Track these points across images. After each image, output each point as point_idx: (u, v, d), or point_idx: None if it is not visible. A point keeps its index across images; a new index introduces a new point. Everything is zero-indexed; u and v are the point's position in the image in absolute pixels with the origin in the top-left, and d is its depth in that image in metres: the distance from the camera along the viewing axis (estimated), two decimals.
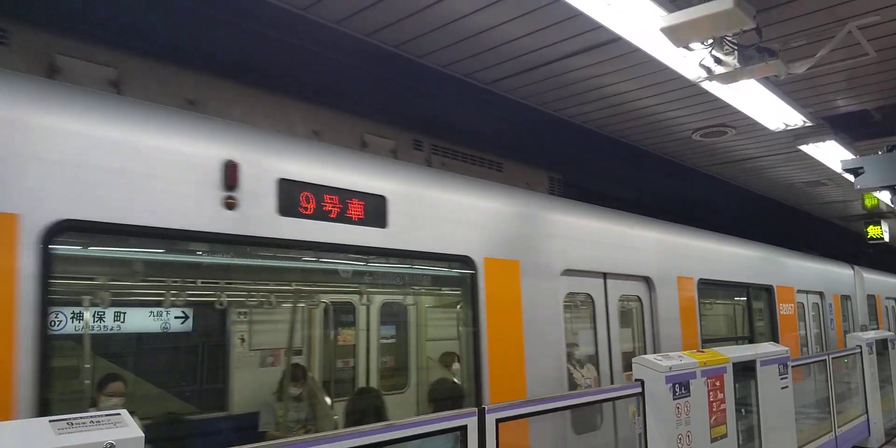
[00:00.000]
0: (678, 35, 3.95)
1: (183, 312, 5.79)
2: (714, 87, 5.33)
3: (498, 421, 3.28)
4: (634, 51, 4.77)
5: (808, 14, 4.49)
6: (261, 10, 4.29)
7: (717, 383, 4.89)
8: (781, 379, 5.88)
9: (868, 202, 9.26)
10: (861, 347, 8.56)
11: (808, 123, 6.46)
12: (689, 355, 4.77)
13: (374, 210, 3.90)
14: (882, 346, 9.28)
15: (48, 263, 2.64)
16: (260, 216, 3.36)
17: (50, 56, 3.45)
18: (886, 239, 11.52)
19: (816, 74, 5.49)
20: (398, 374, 7.06)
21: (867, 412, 8.60)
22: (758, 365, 5.53)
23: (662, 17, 3.91)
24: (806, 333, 9.60)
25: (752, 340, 7.94)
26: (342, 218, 3.73)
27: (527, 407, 3.58)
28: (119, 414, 2.10)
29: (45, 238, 2.64)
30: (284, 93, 4.55)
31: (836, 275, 11.44)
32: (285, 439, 2.54)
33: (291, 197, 3.49)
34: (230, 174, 3.27)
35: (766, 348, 5.89)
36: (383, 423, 2.87)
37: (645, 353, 5.48)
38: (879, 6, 4.38)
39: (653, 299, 6.24)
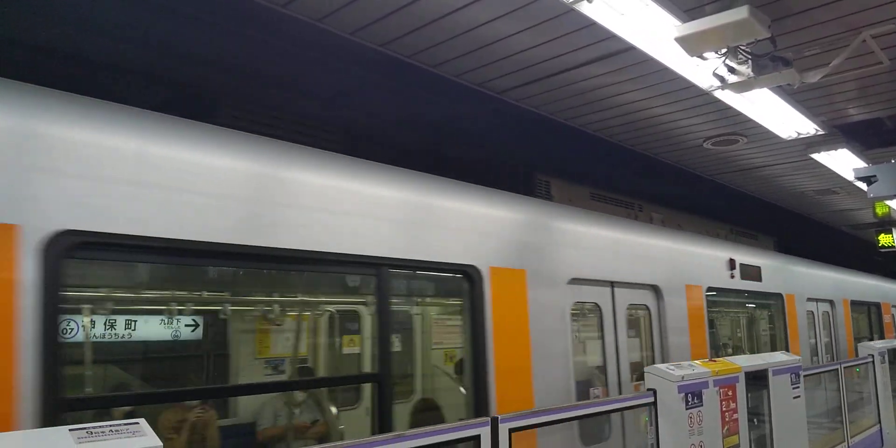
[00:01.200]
0: (692, 45, 3.95)
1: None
2: (726, 96, 5.33)
3: (511, 431, 3.27)
4: (647, 60, 4.77)
5: (822, 23, 4.48)
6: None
7: (730, 393, 4.86)
8: (793, 388, 5.83)
9: (880, 211, 9.20)
10: (873, 356, 8.49)
11: (820, 132, 6.44)
12: (702, 365, 4.75)
13: (757, 273, 8.18)
14: (895, 356, 9.20)
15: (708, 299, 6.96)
16: (737, 280, 7.62)
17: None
18: None
19: (829, 83, 5.47)
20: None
21: (880, 422, 8.52)
22: (770, 374, 5.49)
23: (676, 27, 3.92)
24: None
25: (870, 338, 12.01)
26: (751, 278, 7.99)
27: (539, 417, 3.56)
28: (138, 423, 2.11)
29: (707, 291, 6.94)
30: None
31: None
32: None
33: (740, 270, 7.70)
34: (731, 263, 7.52)
35: (777, 358, 5.85)
36: (393, 434, 2.86)
37: (831, 347, 10.49)
38: (894, 15, 4.38)
39: (833, 314, 10.65)
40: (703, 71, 4.70)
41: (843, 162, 7.54)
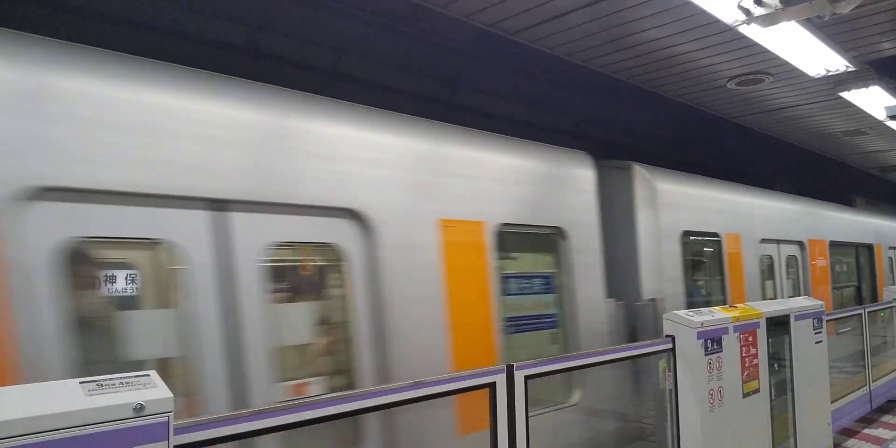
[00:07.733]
0: None
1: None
2: (752, 32, 5.06)
3: (526, 378, 3.25)
4: None
5: None
6: None
7: (751, 338, 4.81)
8: (815, 333, 5.76)
9: None
10: None
11: (851, 68, 6.14)
12: (722, 311, 4.68)
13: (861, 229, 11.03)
14: None
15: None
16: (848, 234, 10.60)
17: None
18: None
19: (862, 14, 5.17)
20: None
21: None
22: (792, 320, 5.42)
23: None
24: None
25: None
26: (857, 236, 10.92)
27: (555, 364, 3.54)
28: (149, 375, 2.10)
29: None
30: None
31: None
32: (313, 397, 2.53)
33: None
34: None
35: (800, 303, 5.76)
36: (412, 381, 2.86)
37: None
38: None
39: None
40: (727, 4, 4.44)
41: (875, 100, 7.26)
